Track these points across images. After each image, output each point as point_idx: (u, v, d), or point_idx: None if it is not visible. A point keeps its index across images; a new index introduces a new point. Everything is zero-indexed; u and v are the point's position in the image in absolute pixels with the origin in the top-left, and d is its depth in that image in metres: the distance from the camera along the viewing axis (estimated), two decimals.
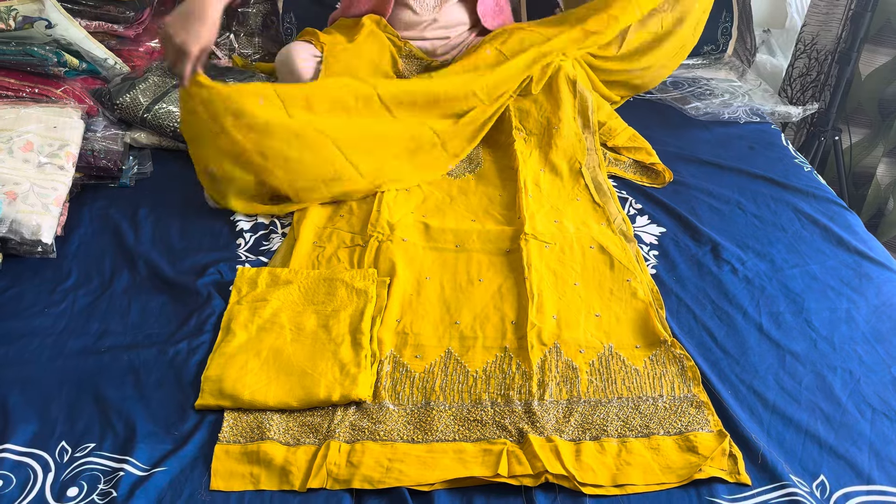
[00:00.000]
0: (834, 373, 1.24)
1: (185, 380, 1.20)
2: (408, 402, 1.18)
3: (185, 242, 1.52)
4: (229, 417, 1.13)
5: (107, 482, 1.03)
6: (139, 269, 1.44)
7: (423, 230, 1.55)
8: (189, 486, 1.03)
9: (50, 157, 1.53)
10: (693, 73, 2.30)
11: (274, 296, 1.33)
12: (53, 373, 1.20)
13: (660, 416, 1.15)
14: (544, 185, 1.69)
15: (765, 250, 1.53)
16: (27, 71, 1.69)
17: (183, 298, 1.36)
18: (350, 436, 1.11)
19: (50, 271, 1.43)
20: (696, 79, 2.26)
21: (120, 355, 1.24)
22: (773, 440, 1.12)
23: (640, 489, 1.04)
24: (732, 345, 1.29)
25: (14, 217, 1.41)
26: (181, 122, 1.58)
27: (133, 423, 1.11)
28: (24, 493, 1.01)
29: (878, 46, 2.16)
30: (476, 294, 1.39)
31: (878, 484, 1.05)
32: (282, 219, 1.61)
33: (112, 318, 1.32)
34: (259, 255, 1.50)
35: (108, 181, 1.69)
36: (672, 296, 1.41)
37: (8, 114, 1.58)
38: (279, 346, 1.24)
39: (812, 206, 1.68)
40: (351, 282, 1.37)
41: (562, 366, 1.24)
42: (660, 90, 2.19)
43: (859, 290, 1.42)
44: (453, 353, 1.27)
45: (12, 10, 1.62)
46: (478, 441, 1.11)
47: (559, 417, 1.15)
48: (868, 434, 1.13)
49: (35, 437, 1.09)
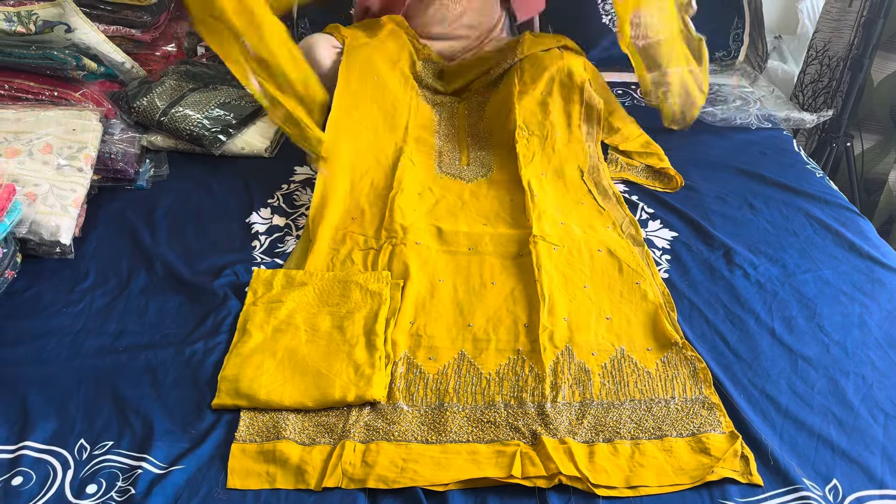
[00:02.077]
0: (846, 377, 1.24)
1: (201, 379, 1.21)
2: (422, 404, 1.19)
3: (201, 244, 1.53)
4: (245, 417, 1.15)
5: (125, 480, 1.04)
6: (156, 269, 1.45)
7: (436, 233, 1.57)
8: (206, 485, 1.04)
9: (69, 159, 1.55)
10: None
11: (289, 297, 1.35)
12: (72, 372, 1.22)
13: (672, 418, 1.15)
14: (548, 188, 1.70)
15: (777, 255, 1.53)
16: (47, 74, 1.71)
17: (199, 299, 1.38)
18: (365, 436, 1.12)
19: (68, 271, 1.45)
20: (708, 85, 2.26)
21: (137, 355, 1.26)
22: (786, 444, 1.12)
23: (653, 491, 1.05)
24: (745, 349, 1.30)
25: (33, 218, 1.43)
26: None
27: (150, 422, 1.13)
28: (44, 489, 1.03)
29: (891, 53, 2.16)
30: (489, 297, 1.40)
31: (890, 488, 1.05)
32: (297, 221, 1.62)
33: (129, 318, 1.34)
34: (274, 257, 1.51)
35: (124, 183, 1.71)
36: (684, 300, 1.41)
37: (28, 116, 1.61)
38: (294, 346, 1.26)
39: (824, 212, 1.68)
40: (365, 284, 1.38)
41: (574, 368, 1.24)
42: None
43: (872, 295, 1.42)
44: (466, 356, 1.28)
45: (33, 14, 1.65)
46: (491, 442, 1.12)
47: (572, 419, 1.15)
48: (881, 438, 1.13)
49: (54, 435, 1.11)
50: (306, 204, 1.67)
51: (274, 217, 1.63)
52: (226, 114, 1.83)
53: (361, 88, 1.81)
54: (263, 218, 1.63)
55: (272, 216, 1.63)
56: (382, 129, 1.81)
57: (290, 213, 1.65)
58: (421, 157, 1.81)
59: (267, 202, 1.68)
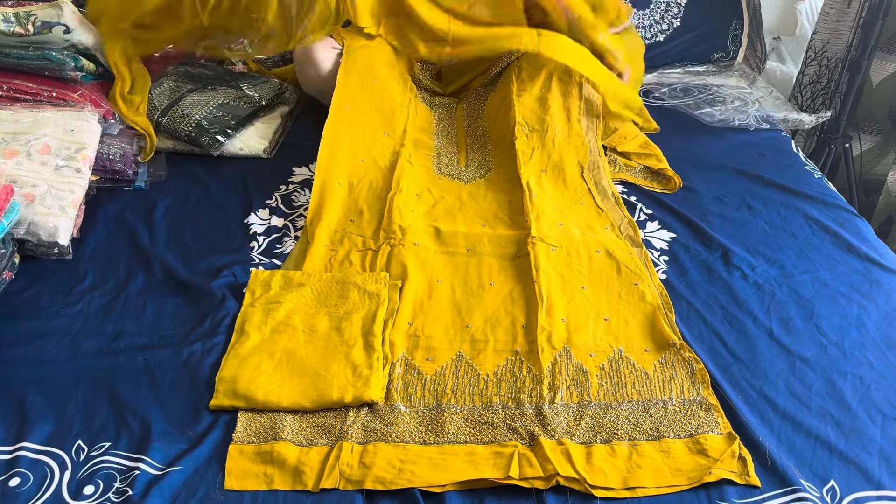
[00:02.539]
0: (844, 378, 1.24)
1: (199, 380, 1.21)
2: (419, 405, 1.19)
3: (199, 245, 1.53)
4: (243, 418, 1.15)
5: (122, 481, 1.04)
6: (154, 270, 1.45)
7: (434, 234, 1.57)
8: (203, 486, 1.04)
9: (67, 159, 1.55)
10: (703, 80, 2.31)
11: (287, 298, 1.35)
12: (70, 372, 1.22)
13: (670, 419, 1.16)
14: (547, 187, 1.70)
15: (775, 256, 1.53)
16: (45, 75, 1.71)
17: (197, 300, 1.38)
18: (362, 437, 1.12)
19: (66, 272, 1.44)
20: (707, 86, 2.27)
21: (135, 356, 1.25)
22: (784, 445, 1.12)
23: (650, 492, 1.05)
24: (743, 350, 1.30)
25: (32, 219, 1.43)
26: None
27: (148, 423, 1.13)
28: (42, 490, 1.02)
29: (889, 54, 2.17)
30: (487, 298, 1.40)
31: (888, 489, 1.05)
32: (295, 222, 1.62)
33: (127, 319, 1.34)
34: (272, 258, 1.51)
35: (123, 184, 1.71)
36: (682, 301, 1.41)
37: (26, 117, 1.60)
38: (292, 347, 1.26)
39: (822, 213, 1.68)
40: (363, 285, 1.38)
41: (572, 369, 1.24)
42: (671, 97, 2.19)
43: (869, 296, 1.43)
44: (464, 357, 1.28)
45: (31, 15, 1.65)
46: (489, 443, 1.12)
47: (570, 420, 1.15)
48: (878, 440, 1.13)
49: (52, 436, 1.11)
50: (304, 205, 1.67)
51: (272, 218, 1.63)
52: (224, 114, 1.83)
53: (360, 91, 1.81)
54: (262, 219, 1.63)
55: (270, 217, 1.63)
56: (381, 131, 1.81)
57: (289, 214, 1.65)
58: (419, 159, 1.81)
59: (265, 203, 1.68)
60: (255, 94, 1.92)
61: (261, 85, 1.96)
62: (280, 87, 1.99)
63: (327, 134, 1.70)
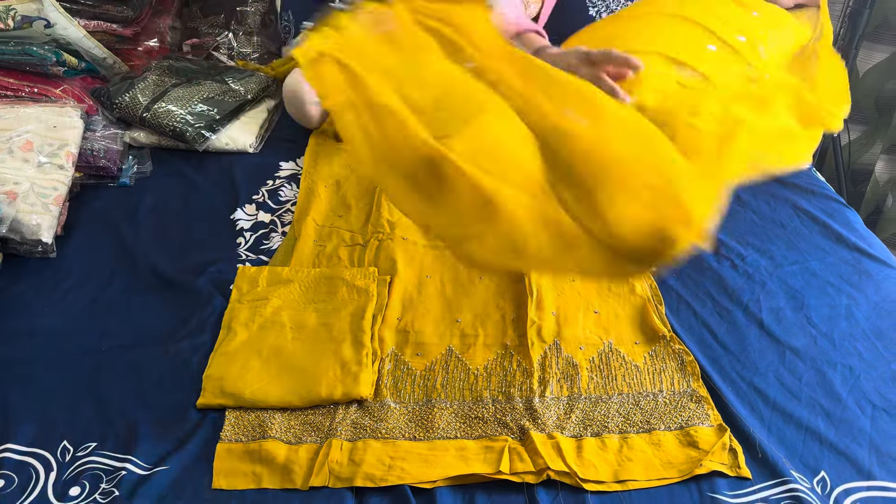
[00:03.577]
0: (834, 369, 1.24)
1: (186, 379, 1.20)
2: (409, 400, 1.18)
3: (185, 242, 1.52)
4: (231, 416, 1.13)
5: (109, 481, 1.03)
6: (139, 268, 1.44)
7: None
8: (191, 485, 1.03)
9: (49, 156, 1.53)
10: None
11: (275, 294, 1.33)
12: (54, 372, 1.20)
13: (660, 412, 1.15)
14: None
15: (764, 247, 1.53)
16: (26, 70, 1.69)
17: (183, 298, 1.36)
18: (352, 434, 1.11)
19: (50, 271, 1.43)
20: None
21: (121, 355, 1.24)
22: (774, 436, 1.12)
23: (641, 485, 1.04)
24: (732, 341, 1.30)
25: (14, 217, 1.41)
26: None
27: (134, 423, 1.12)
28: (26, 493, 1.01)
29: (876, 43, 2.16)
30: (476, 292, 1.39)
31: (878, 480, 1.06)
32: (282, 218, 1.61)
33: (112, 317, 1.32)
34: (259, 254, 1.50)
35: (107, 180, 1.69)
36: (672, 292, 1.41)
37: (7, 113, 1.58)
38: (280, 344, 1.25)
39: (811, 203, 1.68)
40: (352, 280, 1.37)
41: (562, 362, 1.24)
42: None
43: (859, 286, 1.43)
44: (454, 351, 1.27)
45: (11, 9, 1.62)
46: (479, 438, 1.11)
47: (560, 414, 1.15)
48: (868, 430, 1.13)
49: (37, 437, 1.09)
50: (292, 200, 1.66)
51: (259, 213, 1.61)
52: (209, 109, 1.81)
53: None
54: (248, 214, 1.61)
55: (257, 212, 1.62)
56: None
57: (276, 210, 1.63)
58: None
59: (252, 198, 1.66)
60: (240, 88, 1.90)
61: (246, 79, 1.94)
62: (266, 80, 1.98)
63: (315, 133, 1.69)
